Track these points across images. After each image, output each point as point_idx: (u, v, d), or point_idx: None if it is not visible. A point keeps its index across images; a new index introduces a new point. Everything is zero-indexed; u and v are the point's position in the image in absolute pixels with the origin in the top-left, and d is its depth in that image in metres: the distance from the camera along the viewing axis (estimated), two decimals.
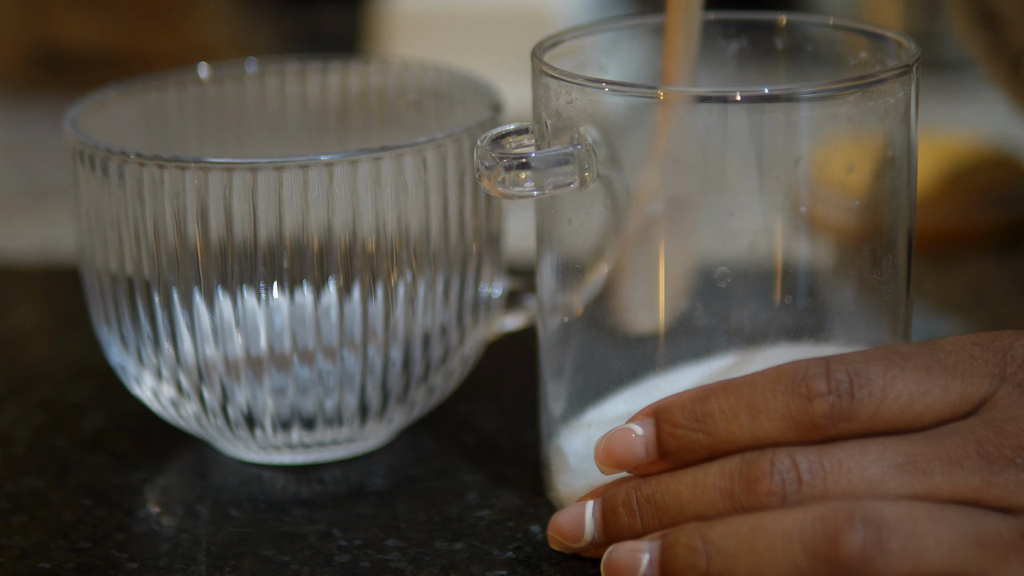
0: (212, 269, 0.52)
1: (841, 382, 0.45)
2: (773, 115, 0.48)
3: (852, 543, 0.43)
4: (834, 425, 0.45)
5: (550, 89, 0.49)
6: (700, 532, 0.45)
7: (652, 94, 0.48)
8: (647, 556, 0.46)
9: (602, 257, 0.51)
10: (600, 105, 0.49)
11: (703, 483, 0.46)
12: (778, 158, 0.49)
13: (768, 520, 0.44)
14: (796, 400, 0.45)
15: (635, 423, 0.48)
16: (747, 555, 0.44)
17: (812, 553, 0.43)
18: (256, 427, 0.54)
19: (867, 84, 0.48)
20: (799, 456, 0.45)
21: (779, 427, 0.45)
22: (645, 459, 0.47)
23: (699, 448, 0.46)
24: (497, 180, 0.48)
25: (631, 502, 0.47)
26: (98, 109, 0.57)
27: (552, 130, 0.49)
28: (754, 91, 0.48)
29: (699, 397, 0.47)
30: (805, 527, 0.43)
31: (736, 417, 0.46)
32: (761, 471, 0.45)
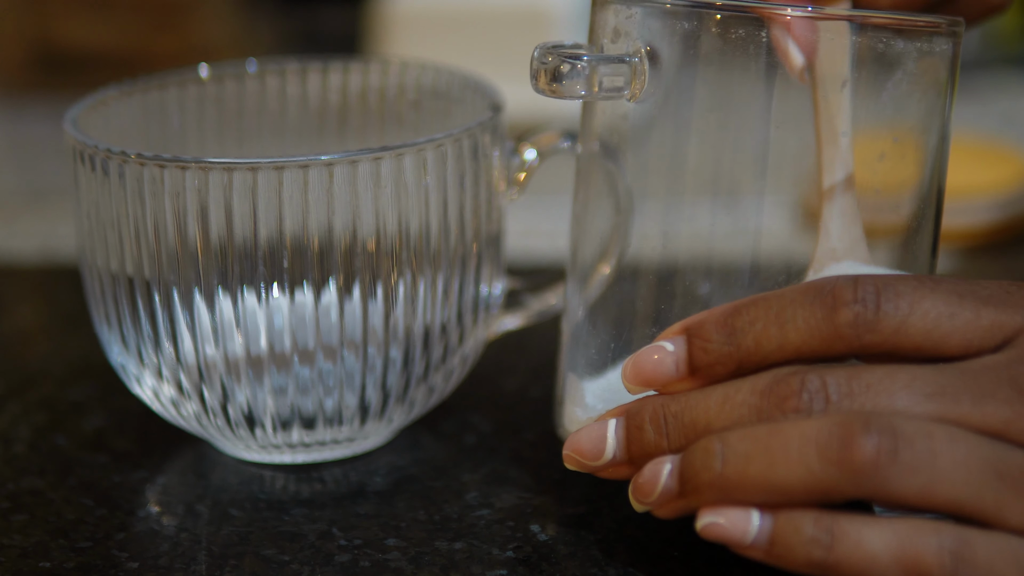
0: (212, 269, 0.52)
1: (868, 293, 0.45)
2: (825, 36, 0.47)
3: (865, 448, 0.43)
4: (858, 336, 0.45)
5: (608, 8, 0.49)
6: (720, 436, 0.45)
7: (709, 10, 0.48)
8: (668, 467, 0.46)
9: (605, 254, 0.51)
10: (657, 22, 0.49)
11: (732, 399, 0.46)
12: (826, 78, 0.48)
13: (787, 425, 0.44)
14: (822, 309, 0.45)
15: (665, 340, 0.47)
16: (762, 456, 0.44)
17: (826, 456, 0.43)
18: (256, 427, 0.54)
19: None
20: (828, 377, 0.45)
21: (804, 336, 0.45)
22: (675, 376, 0.47)
23: (728, 361, 0.46)
24: (551, 76, 0.48)
25: (659, 418, 0.47)
26: (98, 109, 0.57)
27: (608, 50, 0.49)
28: (810, 12, 0.47)
29: (730, 311, 0.46)
30: (822, 431, 0.43)
31: (765, 328, 0.46)
32: (791, 388, 0.45)
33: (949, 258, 0.74)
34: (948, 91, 0.50)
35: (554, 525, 0.52)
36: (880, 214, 0.50)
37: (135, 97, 0.58)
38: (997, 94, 0.99)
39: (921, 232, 0.51)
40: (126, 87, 0.58)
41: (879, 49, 0.48)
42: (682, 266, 0.51)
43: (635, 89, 0.49)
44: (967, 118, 0.94)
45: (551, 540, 0.51)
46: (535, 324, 0.59)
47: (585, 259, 0.52)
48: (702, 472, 0.45)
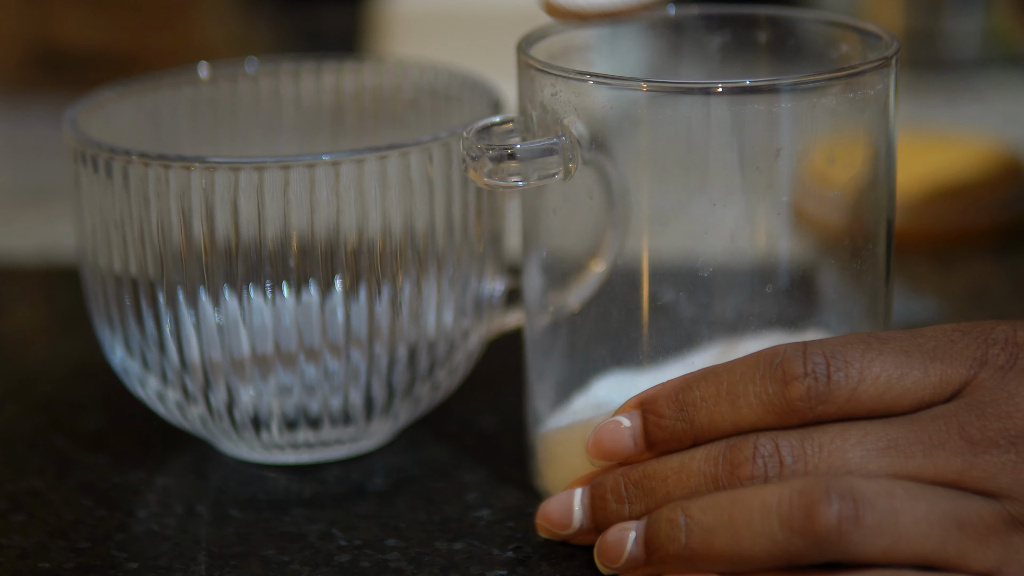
0: (218, 269, 0.52)
1: (817, 364, 0.45)
2: (755, 107, 0.48)
3: (828, 516, 0.43)
4: (811, 408, 0.45)
5: (535, 81, 0.50)
6: (681, 506, 0.45)
7: (636, 87, 0.48)
8: (633, 534, 0.47)
9: (596, 252, 0.51)
10: (585, 98, 0.49)
11: (688, 468, 0.46)
12: (759, 149, 0.49)
13: (747, 494, 0.45)
14: (773, 384, 0.46)
15: (622, 415, 0.48)
16: (726, 528, 0.44)
17: (788, 526, 0.44)
18: (262, 428, 0.54)
19: (847, 76, 0.49)
20: (781, 440, 0.45)
21: (758, 412, 0.46)
22: (633, 450, 0.48)
23: (684, 437, 0.47)
24: (484, 171, 0.49)
25: (619, 488, 0.48)
26: (97, 109, 0.57)
27: (537, 122, 0.50)
28: (735, 83, 0.48)
29: (681, 386, 0.47)
30: (783, 500, 0.44)
31: (717, 404, 0.46)
32: (744, 455, 0.45)
33: (949, 259, 0.74)
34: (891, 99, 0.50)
35: None
36: (838, 214, 0.51)
37: (133, 97, 0.58)
38: (997, 94, 0.99)
39: (878, 228, 0.51)
40: (124, 87, 0.58)
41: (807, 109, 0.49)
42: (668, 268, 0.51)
43: (569, 169, 0.49)
44: (967, 118, 0.94)
45: (551, 540, 0.51)
46: None
47: (566, 259, 0.52)
48: (668, 544, 0.45)
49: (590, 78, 0.49)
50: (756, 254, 0.50)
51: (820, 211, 0.51)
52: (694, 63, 0.55)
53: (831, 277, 0.51)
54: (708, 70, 0.55)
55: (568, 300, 0.51)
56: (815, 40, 0.54)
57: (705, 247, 0.50)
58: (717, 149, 0.49)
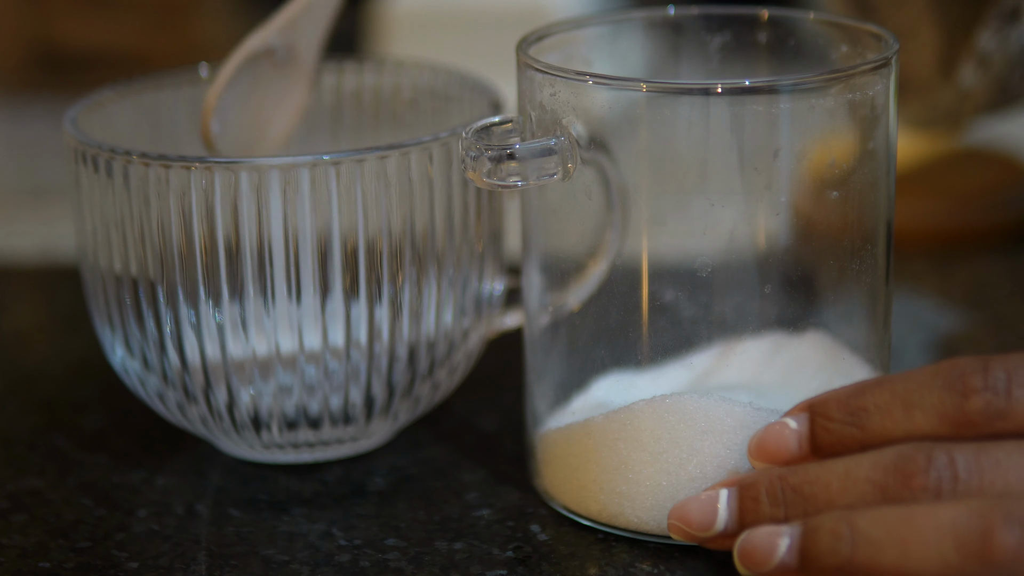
0: (218, 269, 0.52)
1: (999, 379, 0.44)
2: (754, 107, 0.48)
3: (1006, 542, 0.42)
4: (989, 423, 0.44)
5: (534, 82, 0.50)
6: (847, 518, 0.44)
7: (635, 87, 0.48)
8: (787, 540, 0.45)
9: (595, 252, 0.51)
10: (583, 98, 0.49)
11: (855, 474, 0.45)
12: (758, 150, 0.49)
13: (920, 512, 0.43)
14: (952, 396, 0.45)
15: (789, 418, 0.47)
16: (895, 546, 0.43)
17: (963, 549, 0.42)
18: (262, 428, 0.54)
19: (846, 77, 0.49)
20: (956, 453, 0.44)
21: (933, 423, 0.45)
22: (797, 453, 0.47)
23: (851, 442, 0.46)
24: (483, 171, 0.49)
25: (775, 491, 0.46)
26: (97, 109, 0.57)
27: (536, 122, 0.50)
28: (735, 84, 0.48)
29: (854, 392, 0.46)
30: (959, 522, 0.42)
31: (890, 411, 0.45)
32: (917, 466, 0.44)
33: (949, 259, 0.74)
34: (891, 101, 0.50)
35: (554, 525, 0.52)
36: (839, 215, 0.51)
37: (133, 97, 0.58)
38: None
39: (878, 228, 0.51)
40: (123, 87, 0.58)
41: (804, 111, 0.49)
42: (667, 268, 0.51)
43: (568, 169, 0.49)
44: None
45: (551, 540, 0.51)
46: None
47: (565, 258, 0.52)
48: (829, 555, 0.44)
49: (589, 78, 0.49)
50: (755, 254, 0.50)
51: (819, 212, 0.51)
52: (694, 63, 0.55)
53: (830, 278, 0.51)
54: (707, 70, 0.55)
55: (567, 300, 0.51)
56: (815, 41, 0.54)
57: (704, 247, 0.50)
58: (716, 149, 0.49)
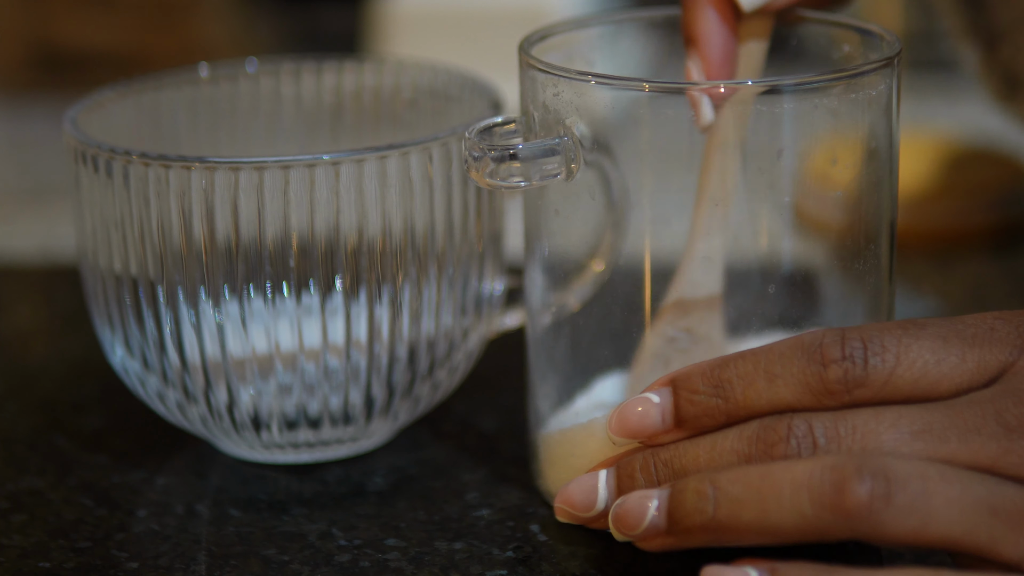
0: (218, 269, 0.52)
1: (855, 349, 0.45)
2: (756, 107, 0.48)
3: (859, 493, 0.43)
4: (848, 391, 0.45)
5: (537, 82, 0.50)
6: (709, 478, 0.45)
7: (638, 87, 0.48)
8: (655, 502, 0.46)
9: (597, 252, 0.51)
10: (586, 98, 0.49)
11: (721, 446, 0.46)
12: (761, 150, 0.49)
13: (778, 468, 0.44)
14: (812, 366, 0.46)
15: (651, 392, 0.48)
16: (755, 501, 0.44)
17: (819, 502, 0.43)
18: (262, 428, 0.54)
19: (849, 76, 0.49)
20: (815, 421, 0.45)
21: (795, 392, 0.46)
22: (661, 427, 0.47)
23: (717, 414, 0.47)
24: (486, 171, 0.49)
25: (649, 467, 0.47)
26: (97, 109, 0.57)
27: (539, 122, 0.50)
28: (738, 84, 0.48)
29: (717, 364, 0.47)
30: (814, 476, 0.43)
31: (753, 382, 0.46)
32: (778, 435, 0.45)
33: (948, 259, 0.74)
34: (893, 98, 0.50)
35: (554, 525, 0.52)
36: (840, 214, 0.51)
37: (132, 97, 0.58)
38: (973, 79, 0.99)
39: (880, 229, 0.51)
40: (123, 87, 0.58)
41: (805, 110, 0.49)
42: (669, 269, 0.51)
43: (571, 169, 0.49)
44: (967, 118, 0.94)
45: (551, 540, 0.51)
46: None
47: (567, 259, 0.52)
48: (693, 515, 0.45)
49: (592, 78, 0.49)
50: (758, 254, 0.50)
51: (822, 212, 0.51)
52: None
53: (833, 277, 0.51)
54: None
55: (569, 300, 0.51)
56: (817, 41, 0.54)
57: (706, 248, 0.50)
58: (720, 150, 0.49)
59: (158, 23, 1.05)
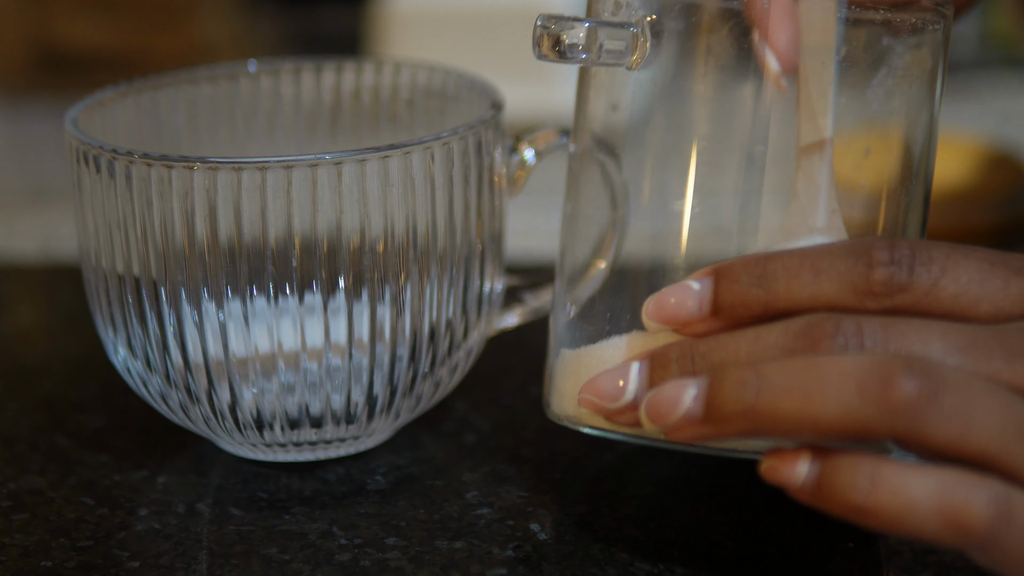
0: (220, 269, 0.52)
1: (904, 255, 0.45)
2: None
3: (906, 388, 0.42)
4: (890, 294, 0.45)
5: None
6: (754, 367, 0.44)
7: None
8: (693, 391, 0.45)
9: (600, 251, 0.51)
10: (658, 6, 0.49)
11: (764, 340, 0.45)
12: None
13: (825, 360, 0.44)
14: (859, 265, 0.45)
15: (693, 279, 0.47)
16: (799, 390, 0.43)
17: (864, 393, 0.43)
18: (264, 427, 0.54)
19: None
20: (864, 322, 0.45)
21: (838, 288, 0.45)
22: (697, 314, 0.47)
23: (755, 304, 0.46)
24: (553, 41, 0.48)
25: (686, 358, 0.46)
26: (98, 109, 0.57)
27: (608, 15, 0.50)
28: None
29: (763, 257, 0.46)
30: (863, 368, 0.43)
31: (797, 275, 0.46)
32: (825, 332, 0.45)
33: None
34: (937, 81, 0.50)
35: (554, 525, 0.52)
36: (867, 211, 0.51)
37: (132, 97, 0.58)
38: (996, 94, 0.99)
39: (909, 227, 0.51)
40: (124, 88, 0.58)
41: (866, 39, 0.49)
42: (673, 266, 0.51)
43: (636, 57, 0.49)
44: (967, 118, 0.94)
45: (551, 539, 0.51)
46: (534, 322, 0.59)
47: (576, 258, 0.52)
48: (732, 401, 0.44)
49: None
50: None
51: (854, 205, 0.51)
52: None
53: None
54: None
55: (575, 297, 0.52)
56: None
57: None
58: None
59: (159, 24, 1.05)
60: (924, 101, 0.50)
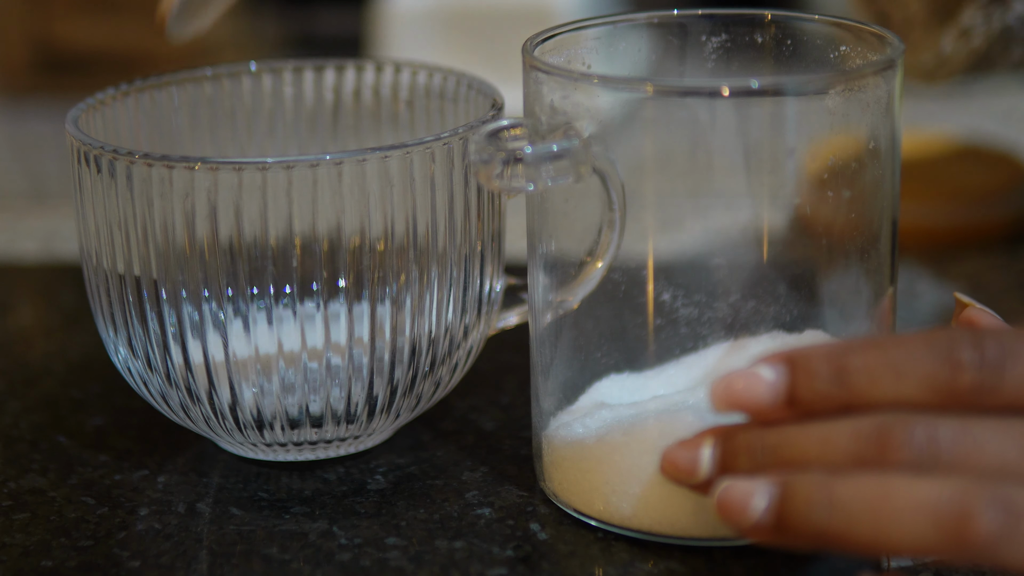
0: (221, 269, 0.52)
1: (993, 355, 0.44)
2: (759, 108, 0.48)
3: (983, 527, 0.42)
4: (979, 399, 0.44)
5: (543, 84, 0.50)
6: (824, 483, 0.43)
7: (642, 88, 0.48)
8: (764, 501, 0.44)
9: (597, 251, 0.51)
10: (593, 99, 0.49)
11: (833, 441, 0.44)
12: (764, 150, 0.49)
13: (899, 487, 0.42)
14: (945, 368, 0.44)
15: (766, 367, 0.45)
16: (872, 519, 0.42)
17: (941, 529, 0.42)
18: (265, 427, 0.54)
19: (852, 78, 0.49)
20: (939, 429, 0.43)
21: (922, 392, 0.44)
22: (769, 404, 0.45)
23: (834, 403, 0.45)
24: (494, 174, 0.48)
25: (754, 449, 0.46)
26: (98, 109, 0.57)
27: (546, 125, 0.50)
28: (741, 85, 0.48)
29: (842, 350, 0.45)
30: (940, 502, 0.42)
31: (879, 376, 0.44)
32: (897, 439, 0.43)
33: (948, 259, 0.74)
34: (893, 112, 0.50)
35: (554, 524, 0.52)
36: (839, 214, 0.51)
37: (133, 97, 0.58)
38: (997, 94, 0.99)
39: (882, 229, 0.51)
40: (123, 88, 0.58)
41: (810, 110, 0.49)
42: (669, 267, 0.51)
43: (581, 172, 0.49)
44: (967, 118, 0.94)
45: (551, 539, 0.51)
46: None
47: (568, 258, 0.52)
48: (804, 521, 0.43)
49: (597, 80, 0.49)
50: (761, 255, 0.50)
51: (824, 212, 0.51)
52: (696, 64, 0.55)
53: (835, 278, 0.51)
54: (709, 72, 0.55)
55: (569, 299, 0.52)
56: (814, 41, 0.54)
57: (710, 248, 0.50)
58: (722, 150, 0.49)
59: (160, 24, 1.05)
60: (885, 114, 0.50)
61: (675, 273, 0.51)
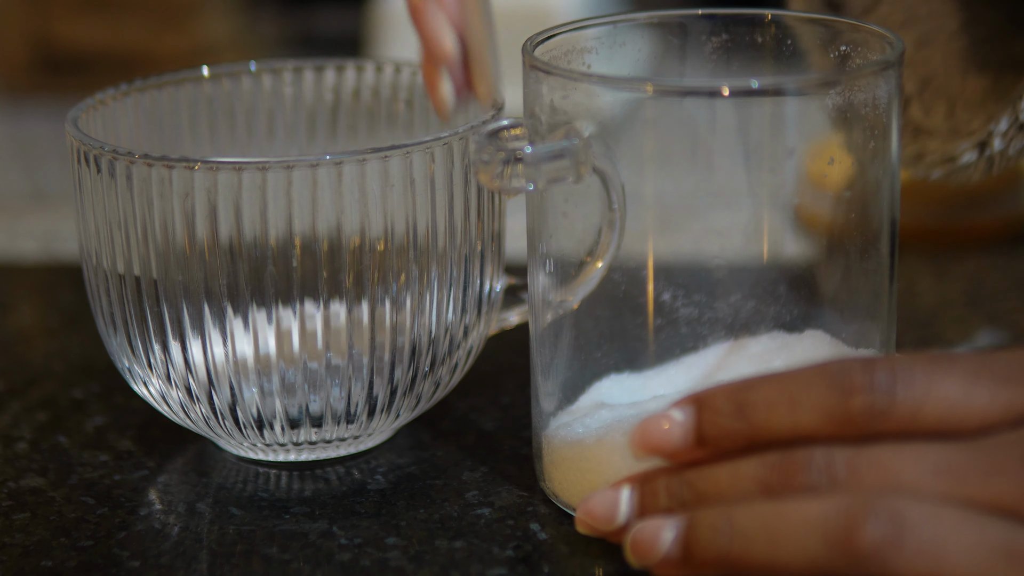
0: (221, 269, 0.52)
1: (883, 380, 0.44)
2: (760, 108, 0.48)
3: (869, 537, 0.42)
4: (872, 423, 0.44)
5: (542, 84, 0.50)
6: (725, 513, 0.45)
7: (642, 88, 0.48)
8: (671, 533, 0.46)
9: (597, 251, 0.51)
10: (593, 99, 0.49)
11: (742, 472, 0.45)
12: (764, 150, 0.49)
13: (790, 507, 0.44)
14: (836, 395, 0.45)
15: (675, 409, 0.47)
16: (767, 539, 0.44)
17: (829, 542, 0.43)
18: (265, 427, 0.54)
19: (852, 78, 0.49)
20: (836, 454, 0.44)
21: (817, 420, 0.45)
22: (682, 446, 0.47)
23: (737, 437, 0.46)
24: (494, 174, 0.48)
25: (673, 486, 0.47)
26: (98, 109, 0.57)
27: (546, 125, 0.50)
28: (742, 85, 0.48)
29: (742, 387, 0.46)
30: (828, 517, 0.43)
31: (776, 408, 0.45)
32: (798, 464, 0.45)
33: (947, 259, 0.74)
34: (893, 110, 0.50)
35: (554, 524, 0.52)
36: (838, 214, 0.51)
37: (133, 97, 0.58)
38: None
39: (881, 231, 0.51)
40: (123, 88, 0.58)
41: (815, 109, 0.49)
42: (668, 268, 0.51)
43: (580, 172, 0.49)
44: None
45: (551, 539, 0.51)
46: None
47: (568, 258, 0.52)
48: (707, 547, 0.45)
49: (597, 80, 0.49)
50: (761, 255, 0.50)
51: (824, 212, 0.51)
52: (696, 64, 0.55)
53: (836, 277, 0.51)
54: (710, 72, 0.55)
55: (569, 299, 0.52)
56: (814, 41, 0.54)
57: (710, 248, 0.50)
58: (722, 150, 0.49)
59: (159, 24, 1.06)
60: (886, 116, 0.50)
61: (675, 273, 0.51)
